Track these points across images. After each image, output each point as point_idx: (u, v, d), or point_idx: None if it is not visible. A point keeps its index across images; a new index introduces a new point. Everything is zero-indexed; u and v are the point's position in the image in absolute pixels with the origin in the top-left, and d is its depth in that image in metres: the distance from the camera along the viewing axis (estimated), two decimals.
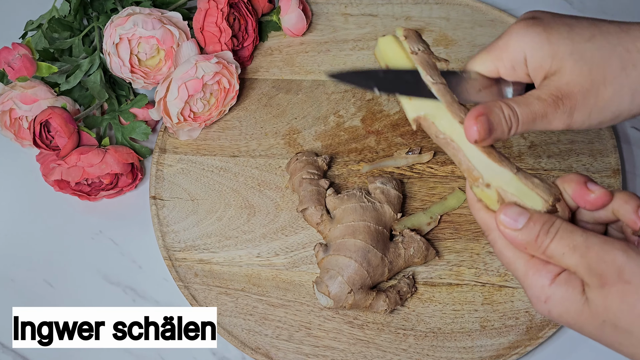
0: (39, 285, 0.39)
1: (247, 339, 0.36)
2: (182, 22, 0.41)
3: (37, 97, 0.40)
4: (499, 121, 0.24)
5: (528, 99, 0.25)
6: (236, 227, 0.39)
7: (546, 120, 0.25)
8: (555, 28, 0.25)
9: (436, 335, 0.35)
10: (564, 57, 0.25)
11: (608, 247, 0.22)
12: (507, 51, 0.25)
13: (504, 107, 0.24)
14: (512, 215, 0.24)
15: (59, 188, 0.40)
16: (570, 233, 0.23)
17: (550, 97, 0.25)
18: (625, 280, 0.22)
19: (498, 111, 0.24)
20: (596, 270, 0.22)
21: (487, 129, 0.24)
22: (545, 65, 0.25)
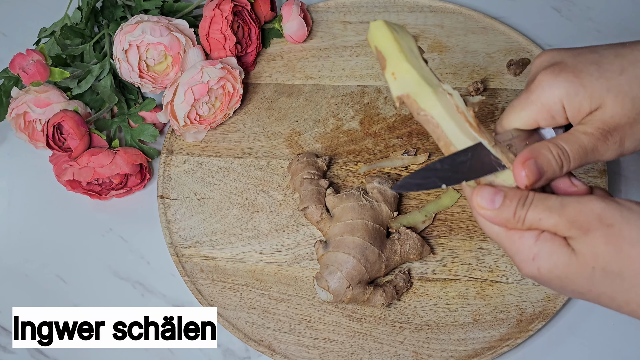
0: (51, 280, 0.39)
1: (250, 332, 0.36)
2: (188, 30, 0.41)
3: (50, 101, 0.40)
4: (548, 162, 0.24)
5: (575, 135, 0.25)
6: (240, 224, 0.39)
7: (598, 154, 0.25)
8: (584, 70, 0.25)
9: (431, 328, 0.35)
10: (602, 94, 0.24)
11: (584, 200, 0.23)
12: (542, 104, 0.25)
13: (551, 147, 0.24)
14: (488, 197, 0.24)
15: (71, 188, 0.40)
16: (545, 199, 0.23)
17: (598, 130, 0.24)
18: (607, 224, 0.22)
19: (546, 152, 0.24)
20: (576, 222, 0.22)
21: (537, 172, 0.24)
22: (584, 108, 0.25)
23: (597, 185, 0.38)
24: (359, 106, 0.43)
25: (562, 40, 0.44)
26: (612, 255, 0.22)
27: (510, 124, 0.26)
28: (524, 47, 0.43)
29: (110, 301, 0.39)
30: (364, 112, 0.43)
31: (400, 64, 0.25)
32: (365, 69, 0.44)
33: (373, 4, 0.46)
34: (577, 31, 0.45)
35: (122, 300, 0.39)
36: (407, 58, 0.25)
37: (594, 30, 0.45)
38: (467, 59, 0.43)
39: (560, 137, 0.25)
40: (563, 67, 0.25)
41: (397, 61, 0.26)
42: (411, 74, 0.25)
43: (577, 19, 0.45)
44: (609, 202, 0.22)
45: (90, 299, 0.39)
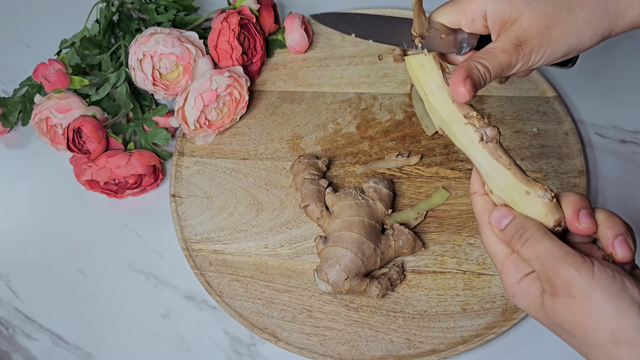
0: (71, 272, 0.40)
1: (255, 320, 0.37)
2: (198, 41, 0.42)
3: (71, 107, 0.41)
4: (478, 79, 0.26)
5: (494, 52, 0.26)
6: (246, 221, 0.40)
7: (511, 67, 0.26)
8: None
9: (422, 317, 0.36)
10: (521, 8, 0.26)
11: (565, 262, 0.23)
12: (469, 5, 0.27)
13: (478, 66, 0.26)
14: (498, 217, 0.25)
15: (90, 187, 0.41)
16: (537, 242, 0.24)
17: (512, 46, 0.26)
18: (571, 294, 0.22)
19: (475, 71, 0.26)
20: (550, 280, 0.23)
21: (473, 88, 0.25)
22: (504, 16, 0.26)
23: (578, 186, 0.37)
24: (356, 112, 0.44)
25: None
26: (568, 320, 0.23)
27: (438, 17, 0.28)
28: None
29: (125, 292, 0.39)
30: (360, 117, 0.43)
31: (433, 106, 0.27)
32: (362, 77, 0.45)
33: None
34: None
35: (137, 291, 0.39)
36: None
37: None
38: None
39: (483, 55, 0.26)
40: None
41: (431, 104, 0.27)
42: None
43: None
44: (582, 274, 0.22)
45: (107, 290, 0.39)
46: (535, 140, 0.42)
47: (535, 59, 0.27)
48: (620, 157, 0.42)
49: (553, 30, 0.26)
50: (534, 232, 0.24)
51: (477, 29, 0.28)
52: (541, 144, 0.42)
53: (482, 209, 0.27)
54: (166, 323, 0.38)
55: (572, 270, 0.23)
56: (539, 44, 0.26)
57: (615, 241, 0.24)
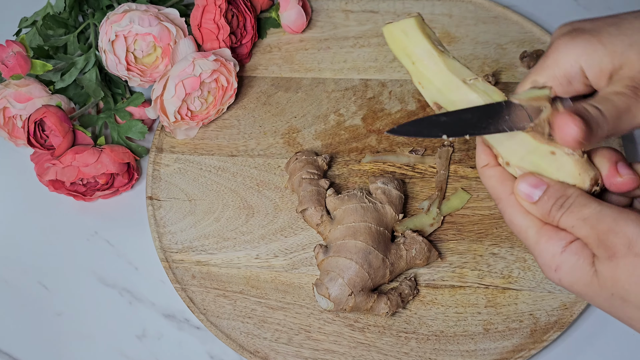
0: (33, 287, 0.39)
1: (245, 342, 0.36)
2: (179, 19, 0.40)
3: (32, 96, 0.40)
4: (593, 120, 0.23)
5: (605, 96, 0.24)
6: (234, 228, 0.39)
7: (631, 115, 0.24)
8: (602, 30, 0.24)
9: (439, 339, 0.35)
10: (624, 50, 0.24)
11: (620, 219, 0.22)
12: (559, 67, 0.24)
13: (589, 108, 0.23)
14: (529, 186, 0.23)
15: (54, 188, 0.40)
16: (583, 206, 0.23)
17: (628, 88, 0.24)
18: (635, 253, 0.21)
19: (586, 112, 0.23)
20: (605, 241, 0.22)
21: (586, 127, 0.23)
22: (606, 67, 0.24)
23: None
24: (362, 101, 0.42)
25: None
26: (633, 286, 0.22)
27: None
28: (538, 37, 0.43)
29: (95, 309, 0.38)
30: (367, 107, 0.42)
31: (424, 73, 0.26)
32: (369, 62, 0.44)
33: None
34: None
35: (108, 308, 0.38)
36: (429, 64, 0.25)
37: None
38: (477, 50, 0.43)
39: (593, 99, 0.24)
40: (580, 31, 0.25)
41: (421, 71, 0.26)
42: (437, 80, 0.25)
43: (595, 8, 0.45)
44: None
45: (74, 307, 0.38)
46: None
47: None
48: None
49: None
50: (578, 197, 0.23)
51: (577, 91, 0.25)
52: None
53: (498, 180, 0.25)
54: (142, 345, 0.37)
55: (632, 226, 0.22)
56: None
57: None
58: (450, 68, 0.25)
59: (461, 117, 0.24)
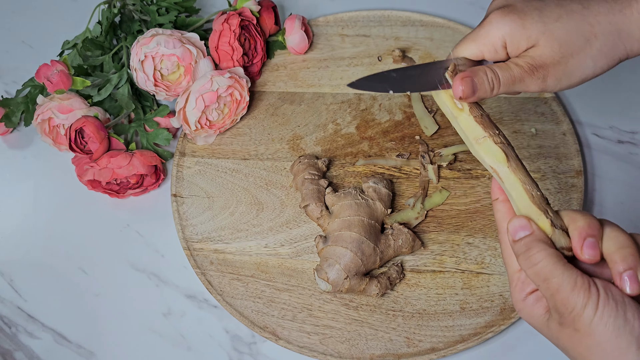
0: (74, 272, 0.40)
1: (256, 319, 0.37)
2: (199, 42, 0.41)
3: (73, 108, 0.41)
4: (482, 82, 0.26)
5: (509, 64, 0.27)
6: (247, 221, 0.40)
7: (523, 84, 0.27)
8: (527, 13, 0.27)
9: (422, 316, 0.36)
10: (537, 36, 0.26)
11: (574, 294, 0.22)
12: (489, 38, 0.27)
13: (487, 71, 0.27)
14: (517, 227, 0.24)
15: (92, 187, 0.41)
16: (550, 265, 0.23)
17: (527, 65, 0.27)
18: (575, 328, 0.22)
19: (482, 74, 0.26)
20: (558, 310, 0.23)
21: (471, 88, 0.26)
22: (521, 45, 0.27)
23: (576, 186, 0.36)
24: (356, 112, 0.43)
25: None
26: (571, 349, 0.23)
27: (460, 52, 0.28)
28: None
29: (127, 291, 0.39)
30: (360, 117, 0.43)
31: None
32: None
33: (369, 18, 0.47)
34: None
35: (139, 290, 0.39)
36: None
37: None
38: None
39: (497, 64, 0.27)
40: (511, 10, 0.27)
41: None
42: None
43: None
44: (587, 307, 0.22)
45: (109, 289, 0.39)
46: (534, 141, 0.42)
47: (550, 85, 0.27)
48: (618, 157, 0.42)
49: (569, 60, 0.27)
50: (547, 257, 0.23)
51: (500, 58, 0.28)
52: (539, 144, 0.41)
53: (503, 215, 0.26)
54: (167, 322, 0.38)
55: (579, 305, 0.22)
56: (555, 71, 0.27)
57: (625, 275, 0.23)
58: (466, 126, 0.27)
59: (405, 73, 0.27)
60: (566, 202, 0.39)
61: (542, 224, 0.25)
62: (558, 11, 0.27)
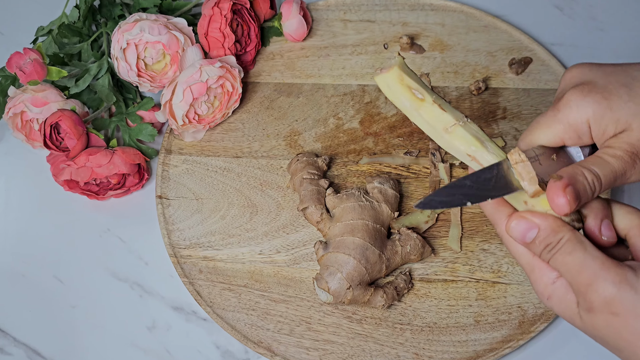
0: (49, 280, 0.39)
1: (249, 333, 0.36)
2: (187, 28, 0.40)
3: (48, 100, 0.40)
4: (584, 189, 0.24)
5: (606, 159, 0.24)
6: (239, 225, 0.39)
7: (625, 177, 0.24)
8: (614, 92, 0.24)
9: (432, 330, 0.35)
10: (629, 119, 0.24)
11: (600, 276, 0.22)
12: (569, 124, 0.25)
13: (586, 174, 0.24)
14: (522, 230, 0.23)
15: (69, 188, 0.40)
16: (568, 254, 0.23)
17: (627, 154, 0.24)
18: (612, 312, 0.22)
19: (582, 179, 0.24)
20: (584, 295, 0.22)
21: (575, 199, 0.23)
22: (609, 130, 0.24)
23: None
24: (360, 105, 0.42)
25: (564, 39, 0.44)
26: (612, 337, 0.22)
27: (536, 141, 0.25)
28: (525, 45, 0.43)
29: (108, 302, 0.38)
30: (364, 111, 0.42)
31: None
32: (366, 68, 0.44)
33: (373, 2, 0.45)
34: (580, 30, 0.44)
35: (120, 301, 0.38)
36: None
37: (596, 29, 0.45)
38: (468, 57, 0.43)
39: (592, 161, 0.24)
40: (592, 87, 0.24)
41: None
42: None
43: (579, 18, 0.45)
44: (623, 289, 0.21)
45: (88, 300, 0.38)
46: None
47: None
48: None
49: None
50: (566, 242, 0.23)
51: (585, 144, 0.25)
52: None
53: (494, 207, 0.25)
54: (152, 336, 0.37)
55: (610, 286, 0.22)
56: None
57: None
58: (431, 117, 0.25)
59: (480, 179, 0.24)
60: None
61: (543, 202, 0.24)
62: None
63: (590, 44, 0.43)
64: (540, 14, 0.45)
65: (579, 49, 0.43)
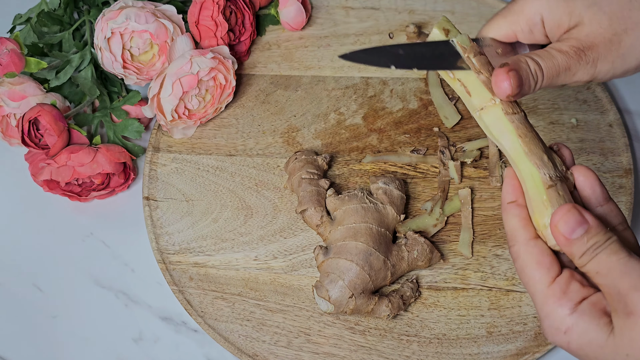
0: (27, 289, 0.39)
1: (244, 346, 0.35)
2: (176, 16, 0.40)
3: (26, 94, 0.39)
4: (527, 76, 0.24)
5: (551, 52, 0.25)
6: (233, 229, 0.39)
7: (570, 73, 0.25)
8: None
9: (441, 342, 0.35)
10: (582, 11, 0.25)
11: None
12: (523, 14, 0.26)
13: (529, 62, 0.25)
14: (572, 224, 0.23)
15: (49, 188, 0.39)
16: (615, 254, 0.22)
17: (572, 49, 0.25)
18: None
19: (525, 66, 0.25)
20: (626, 297, 0.22)
21: (518, 84, 0.24)
22: (563, 22, 0.25)
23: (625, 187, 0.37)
24: (363, 99, 0.42)
25: None
26: None
27: (489, 32, 0.27)
28: None
29: (91, 312, 0.38)
30: (367, 105, 0.42)
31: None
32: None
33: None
34: None
35: (104, 311, 0.38)
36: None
37: None
38: None
39: (538, 53, 0.25)
40: None
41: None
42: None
43: None
44: None
45: (69, 310, 0.38)
46: (574, 133, 0.40)
47: (602, 70, 0.26)
48: None
49: (623, 38, 0.25)
50: (612, 243, 0.23)
51: (537, 40, 0.27)
52: (581, 137, 0.40)
53: (521, 222, 0.24)
54: (139, 348, 0.37)
55: None
56: (606, 52, 0.25)
57: None
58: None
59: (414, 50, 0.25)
60: None
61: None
62: None
63: None
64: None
65: None
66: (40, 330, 0.37)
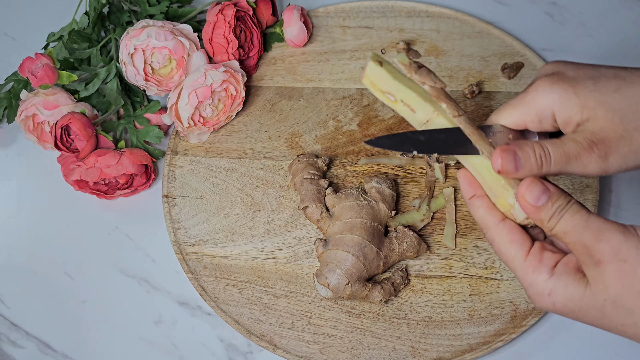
0: (59, 277, 0.40)
1: (252, 327, 0.37)
2: (192, 34, 0.41)
3: (58, 103, 0.41)
4: (527, 158, 0.24)
5: (562, 140, 0.25)
6: (242, 223, 0.40)
7: (580, 163, 0.25)
8: (580, 82, 0.25)
9: (427, 324, 0.36)
10: (594, 106, 0.24)
11: (606, 227, 0.22)
12: (534, 106, 0.25)
13: (535, 146, 0.25)
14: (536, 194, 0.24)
15: (78, 187, 0.40)
16: (577, 212, 0.23)
17: (585, 140, 0.24)
18: (620, 259, 0.21)
19: (528, 149, 0.24)
20: (591, 249, 0.22)
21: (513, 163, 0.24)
22: (575, 117, 0.25)
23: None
24: (358, 108, 0.43)
25: (555, 44, 0.45)
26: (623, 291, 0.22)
27: (499, 120, 0.27)
28: (517, 51, 0.44)
29: (116, 297, 0.39)
30: (362, 114, 0.43)
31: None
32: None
33: (371, 9, 0.46)
34: (570, 35, 0.45)
35: (128, 296, 0.39)
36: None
37: (585, 35, 0.45)
38: (462, 62, 0.44)
39: (548, 140, 0.25)
40: (561, 77, 0.25)
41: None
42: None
43: (569, 24, 0.46)
44: (629, 236, 0.22)
45: (97, 296, 0.39)
46: None
47: (614, 164, 0.25)
48: None
49: (634, 135, 0.25)
50: (573, 205, 0.24)
51: (545, 128, 0.26)
52: None
53: (486, 210, 0.26)
54: (158, 330, 0.38)
55: (617, 234, 0.22)
56: (618, 146, 0.25)
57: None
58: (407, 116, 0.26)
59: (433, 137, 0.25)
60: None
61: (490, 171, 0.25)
62: (616, 82, 0.25)
63: (580, 49, 0.44)
64: (532, 20, 0.46)
65: (569, 54, 0.44)
66: (71, 314, 0.39)
